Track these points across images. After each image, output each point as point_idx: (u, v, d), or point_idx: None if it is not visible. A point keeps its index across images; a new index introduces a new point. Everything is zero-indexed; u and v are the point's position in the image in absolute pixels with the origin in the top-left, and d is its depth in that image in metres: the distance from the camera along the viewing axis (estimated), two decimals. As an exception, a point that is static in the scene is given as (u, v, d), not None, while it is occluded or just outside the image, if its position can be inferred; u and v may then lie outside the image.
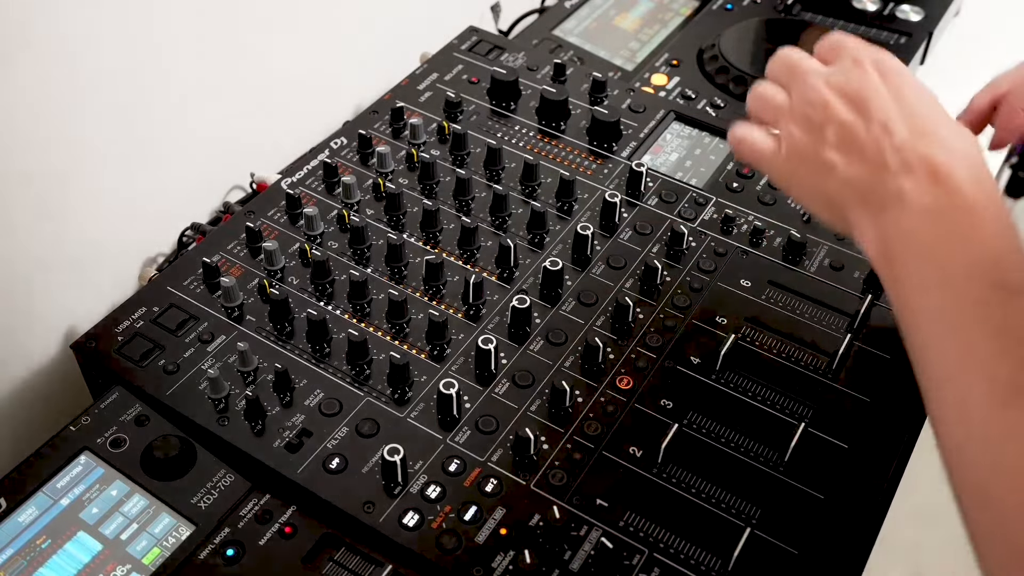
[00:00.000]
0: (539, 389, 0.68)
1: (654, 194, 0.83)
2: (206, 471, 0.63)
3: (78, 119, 0.73)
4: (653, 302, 0.74)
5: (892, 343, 0.72)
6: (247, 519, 0.61)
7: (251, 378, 0.68)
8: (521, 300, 0.71)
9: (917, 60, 1.09)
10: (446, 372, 0.69)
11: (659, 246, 0.79)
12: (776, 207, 0.82)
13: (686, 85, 1.01)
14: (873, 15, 1.13)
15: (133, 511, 0.61)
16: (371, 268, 0.76)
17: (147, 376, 0.68)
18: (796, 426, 0.65)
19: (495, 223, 0.80)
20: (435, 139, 0.87)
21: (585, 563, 0.59)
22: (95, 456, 0.63)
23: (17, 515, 0.60)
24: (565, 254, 0.78)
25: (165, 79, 0.80)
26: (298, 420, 0.66)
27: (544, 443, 0.65)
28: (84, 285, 0.79)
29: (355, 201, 0.81)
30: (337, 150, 0.86)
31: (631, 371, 0.69)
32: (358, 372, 0.69)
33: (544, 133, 0.89)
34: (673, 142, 0.89)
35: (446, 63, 0.96)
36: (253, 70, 0.89)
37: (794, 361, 0.71)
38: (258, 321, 0.72)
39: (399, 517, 0.61)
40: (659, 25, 1.12)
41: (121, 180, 0.79)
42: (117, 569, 0.59)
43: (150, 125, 0.80)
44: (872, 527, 0.62)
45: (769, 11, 1.13)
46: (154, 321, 0.71)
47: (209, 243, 0.78)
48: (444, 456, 0.64)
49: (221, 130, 0.88)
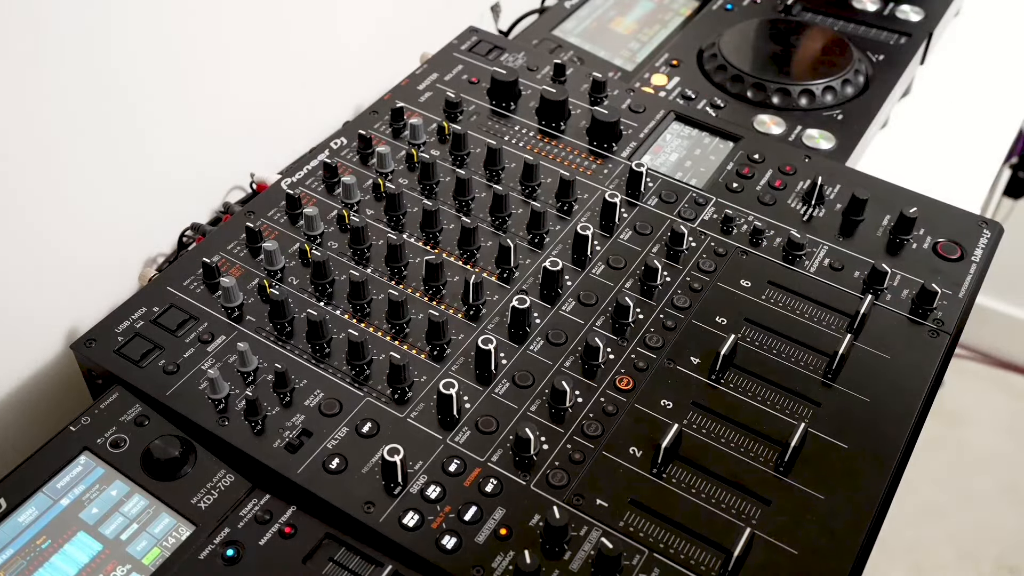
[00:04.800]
0: (539, 389, 0.68)
1: (654, 194, 0.83)
2: (206, 471, 0.63)
3: (78, 119, 0.73)
4: (653, 302, 0.74)
5: (892, 343, 0.72)
6: (247, 519, 0.61)
7: (251, 378, 0.68)
8: (521, 300, 0.71)
9: (917, 60, 1.09)
10: (446, 372, 0.69)
11: (659, 246, 0.79)
12: (776, 207, 0.82)
13: (686, 85, 1.01)
14: (873, 15, 1.13)
15: (133, 511, 0.61)
16: (371, 268, 0.76)
17: (147, 376, 0.68)
18: (796, 426, 0.65)
19: (495, 223, 0.80)
20: (435, 139, 0.88)
21: (585, 563, 0.59)
22: (95, 456, 0.63)
23: (17, 515, 0.60)
24: (565, 254, 0.78)
25: (165, 79, 0.80)
26: (298, 420, 0.66)
27: (544, 443, 0.65)
28: (84, 285, 0.79)
29: (355, 201, 0.81)
30: (337, 150, 0.86)
31: (631, 371, 0.69)
32: (358, 372, 0.69)
33: (544, 133, 0.89)
34: (673, 142, 0.90)
35: (446, 63, 0.96)
36: (253, 70, 0.89)
37: (794, 361, 0.71)
38: (258, 321, 0.72)
39: (399, 517, 0.61)
40: (659, 25, 1.12)
41: (121, 180, 0.80)
42: (117, 569, 0.59)
43: (150, 125, 0.80)
44: (872, 527, 0.62)
45: (769, 11, 1.13)
46: (154, 321, 0.71)
47: (209, 243, 0.78)
48: (444, 456, 0.64)
49: (221, 130, 0.88)
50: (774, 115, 0.97)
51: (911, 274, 0.77)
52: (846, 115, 0.98)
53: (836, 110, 0.99)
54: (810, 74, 1.01)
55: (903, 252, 0.79)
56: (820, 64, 1.03)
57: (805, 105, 0.99)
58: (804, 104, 0.99)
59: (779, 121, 0.97)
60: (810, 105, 0.99)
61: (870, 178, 0.86)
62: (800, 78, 1.00)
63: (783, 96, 0.99)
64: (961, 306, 0.75)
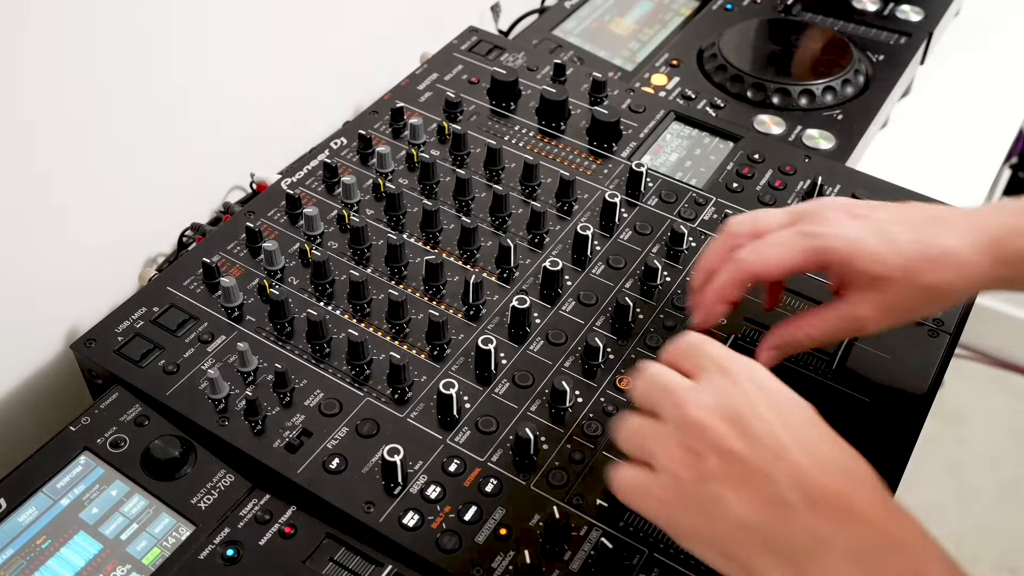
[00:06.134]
0: (539, 389, 0.68)
1: (654, 194, 0.83)
2: (206, 471, 0.63)
3: (78, 119, 0.73)
4: (653, 302, 0.74)
5: (892, 343, 0.72)
6: (247, 519, 0.61)
7: (251, 378, 0.68)
8: (521, 300, 0.71)
9: (917, 60, 1.09)
10: (446, 372, 0.69)
11: (659, 246, 0.79)
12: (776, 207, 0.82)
13: (686, 85, 1.01)
14: (873, 15, 1.13)
15: (133, 511, 0.61)
16: (371, 268, 0.76)
17: (147, 376, 0.68)
18: (796, 426, 0.65)
19: (495, 223, 0.80)
20: (435, 139, 0.87)
21: (585, 563, 0.59)
22: (95, 456, 0.63)
23: (17, 515, 0.60)
24: (565, 254, 0.78)
25: (165, 79, 0.80)
26: (298, 420, 0.66)
27: (544, 443, 0.65)
28: (84, 285, 0.79)
29: (355, 201, 0.81)
30: (337, 150, 0.86)
31: (631, 371, 0.69)
32: (358, 372, 0.69)
33: (544, 133, 0.89)
34: (673, 142, 0.89)
35: (446, 63, 0.96)
36: (253, 70, 0.89)
37: (794, 361, 0.71)
38: (258, 321, 0.72)
39: (399, 517, 0.61)
40: (659, 25, 1.12)
41: (121, 180, 0.79)
42: (117, 569, 0.59)
43: (150, 125, 0.80)
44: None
45: (769, 11, 1.13)
46: (154, 321, 0.71)
47: (209, 243, 0.78)
48: (444, 456, 0.64)
49: (221, 130, 0.88)
50: (774, 115, 0.97)
51: (911, 274, 0.77)
52: (846, 115, 0.98)
53: (836, 110, 0.99)
54: (810, 74, 1.01)
55: (903, 252, 0.79)
56: (820, 64, 1.03)
57: (805, 105, 0.99)
58: (804, 104, 0.99)
59: (779, 121, 0.97)
60: (810, 105, 0.99)
61: (870, 178, 0.86)
62: (800, 78, 1.00)
63: (783, 96, 0.99)
64: (961, 306, 0.75)
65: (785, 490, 0.47)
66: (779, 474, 0.48)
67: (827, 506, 0.47)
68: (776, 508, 0.47)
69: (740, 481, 0.48)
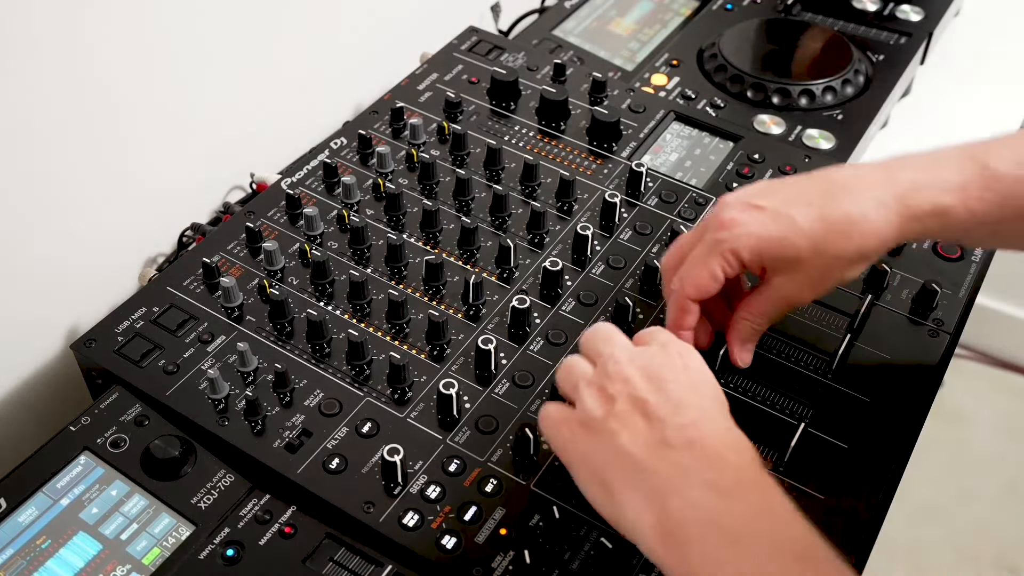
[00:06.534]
0: (539, 389, 0.68)
1: (654, 194, 0.83)
2: (206, 471, 0.63)
3: (78, 119, 0.73)
4: (653, 302, 0.74)
5: (892, 343, 0.72)
6: (247, 519, 0.61)
7: (251, 378, 0.68)
8: (521, 300, 0.71)
9: (917, 60, 1.09)
10: (446, 372, 0.69)
11: (659, 246, 0.79)
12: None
13: (686, 85, 1.01)
14: (873, 15, 1.13)
15: (133, 511, 0.61)
16: (371, 268, 0.76)
17: (147, 376, 0.68)
18: (796, 426, 0.65)
19: (495, 223, 0.80)
20: (435, 139, 0.88)
21: (585, 563, 0.59)
22: (95, 456, 0.63)
23: (17, 515, 0.60)
24: (565, 254, 0.78)
25: (165, 79, 0.80)
26: (298, 420, 0.66)
27: (544, 443, 0.65)
28: (84, 285, 0.79)
29: (355, 201, 0.81)
30: (337, 150, 0.86)
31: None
32: (358, 372, 0.69)
33: (544, 133, 0.89)
34: (673, 142, 0.90)
35: (446, 63, 0.96)
36: (253, 70, 0.89)
37: (794, 361, 0.71)
38: (258, 321, 0.72)
39: (399, 517, 0.61)
40: (659, 25, 1.12)
41: (121, 180, 0.79)
42: (117, 569, 0.59)
43: (150, 125, 0.80)
44: (872, 527, 0.62)
45: (769, 11, 1.13)
46: (154, 321, 0.71)
47: (209, 243, 0.78)
48: (444, 456, 0.64)
49: (221, 130, 0.88)
50: (774, 115, 0.97)
51: (911, 274, 0.77)
52: (846, 115, 0.98)
53: (836, 110, 0.99)
54: (810, 74, 1.01)
55: (903, 252, 0.79)
56: (820, 64, 1.03)
57: (805, 105, 0.99)
58: (804, 104, 0.99)
59: (779, 121, 0.97)
60: (810, 105, 0.99)
61: (870, 178, 0.86)
62: (800, 78, 1.00)
63: (783, 96, 0.99)
64: (961, 306, 0.75)
65: (671, 433, 0.53)
66: (672, 421, 0.54)
67: (701, 450, 0.53)
68: (657, 447, 0.53)
69: (638, 422, 0.54)
